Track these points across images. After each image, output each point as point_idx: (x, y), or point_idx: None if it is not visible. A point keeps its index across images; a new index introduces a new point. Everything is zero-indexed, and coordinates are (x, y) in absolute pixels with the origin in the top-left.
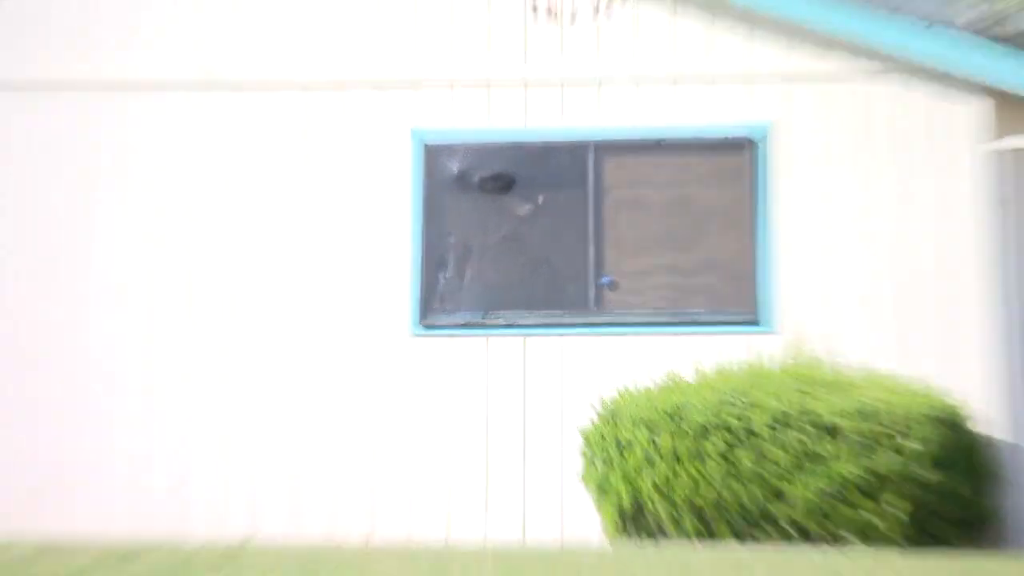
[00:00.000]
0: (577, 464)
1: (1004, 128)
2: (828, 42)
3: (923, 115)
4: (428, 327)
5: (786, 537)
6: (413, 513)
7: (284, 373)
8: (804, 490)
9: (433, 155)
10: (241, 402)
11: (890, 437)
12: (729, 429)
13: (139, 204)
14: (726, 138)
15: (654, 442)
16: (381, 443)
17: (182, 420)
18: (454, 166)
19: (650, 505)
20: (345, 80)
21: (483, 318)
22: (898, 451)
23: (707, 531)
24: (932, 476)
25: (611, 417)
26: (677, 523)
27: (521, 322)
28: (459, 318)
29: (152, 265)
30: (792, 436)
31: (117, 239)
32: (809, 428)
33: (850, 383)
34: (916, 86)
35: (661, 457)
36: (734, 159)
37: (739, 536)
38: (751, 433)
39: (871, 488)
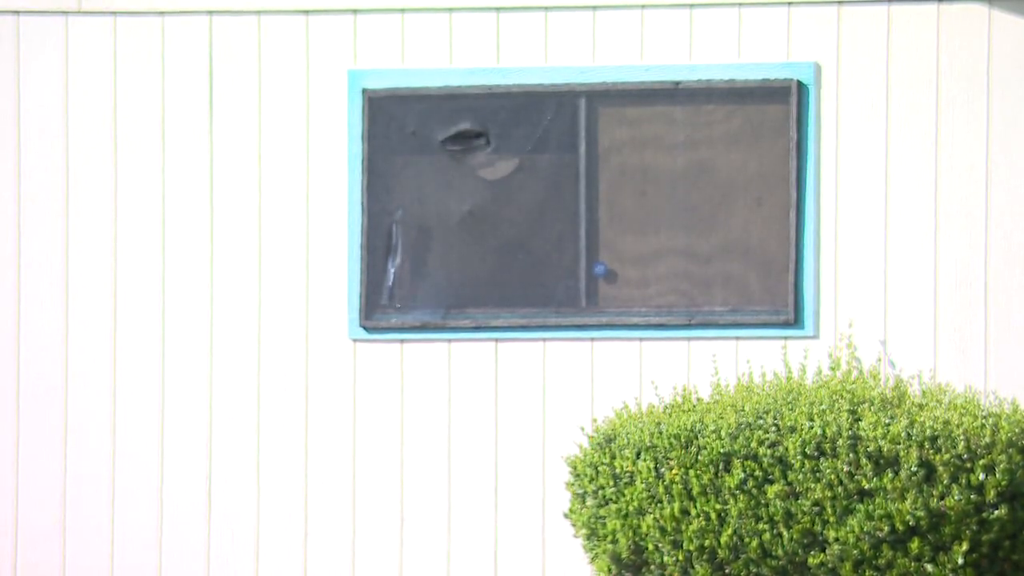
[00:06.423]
0: (563, 501)
1: None
2: None
3: None
4: (371, 330)
5: None
6: (356, 565)
7: (175, 385)
8: (849, 535)
9: (377, 106)
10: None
11: (966, 469)
12: (755, 459)
13: None
14: (760, 83)
15: (660, 474)
16: (312, 479)
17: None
18: (404, 120)
19: (654, 552)
20: (261, 5)
21: (444, 318)
22: (975, 487)
23: None
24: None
25: (606, 443)
26: (687, 575)
27: (493, 323)
28: (413, 318)
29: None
30: (836, 468)
31: None
32: (858, 458)
33: (914, 402)
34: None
35: (669, 493)
36: (771, 111)
37: None
38: (783, 464)
39: (936, 533)
